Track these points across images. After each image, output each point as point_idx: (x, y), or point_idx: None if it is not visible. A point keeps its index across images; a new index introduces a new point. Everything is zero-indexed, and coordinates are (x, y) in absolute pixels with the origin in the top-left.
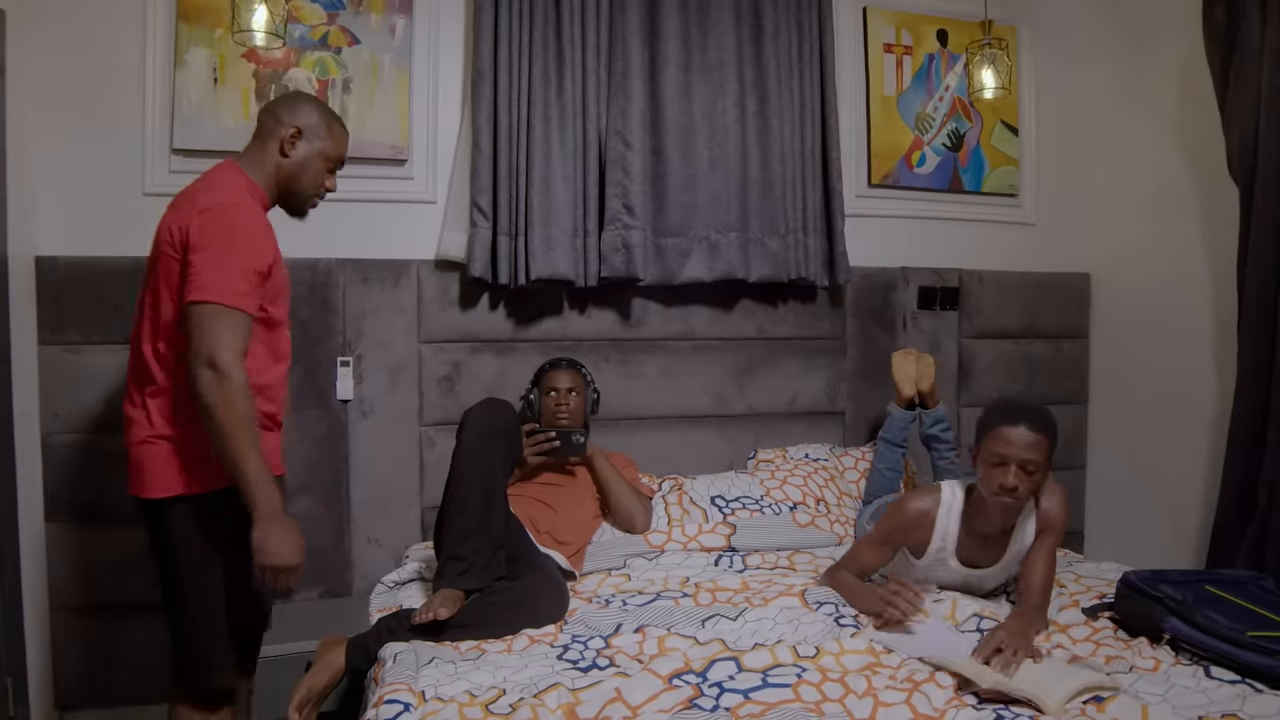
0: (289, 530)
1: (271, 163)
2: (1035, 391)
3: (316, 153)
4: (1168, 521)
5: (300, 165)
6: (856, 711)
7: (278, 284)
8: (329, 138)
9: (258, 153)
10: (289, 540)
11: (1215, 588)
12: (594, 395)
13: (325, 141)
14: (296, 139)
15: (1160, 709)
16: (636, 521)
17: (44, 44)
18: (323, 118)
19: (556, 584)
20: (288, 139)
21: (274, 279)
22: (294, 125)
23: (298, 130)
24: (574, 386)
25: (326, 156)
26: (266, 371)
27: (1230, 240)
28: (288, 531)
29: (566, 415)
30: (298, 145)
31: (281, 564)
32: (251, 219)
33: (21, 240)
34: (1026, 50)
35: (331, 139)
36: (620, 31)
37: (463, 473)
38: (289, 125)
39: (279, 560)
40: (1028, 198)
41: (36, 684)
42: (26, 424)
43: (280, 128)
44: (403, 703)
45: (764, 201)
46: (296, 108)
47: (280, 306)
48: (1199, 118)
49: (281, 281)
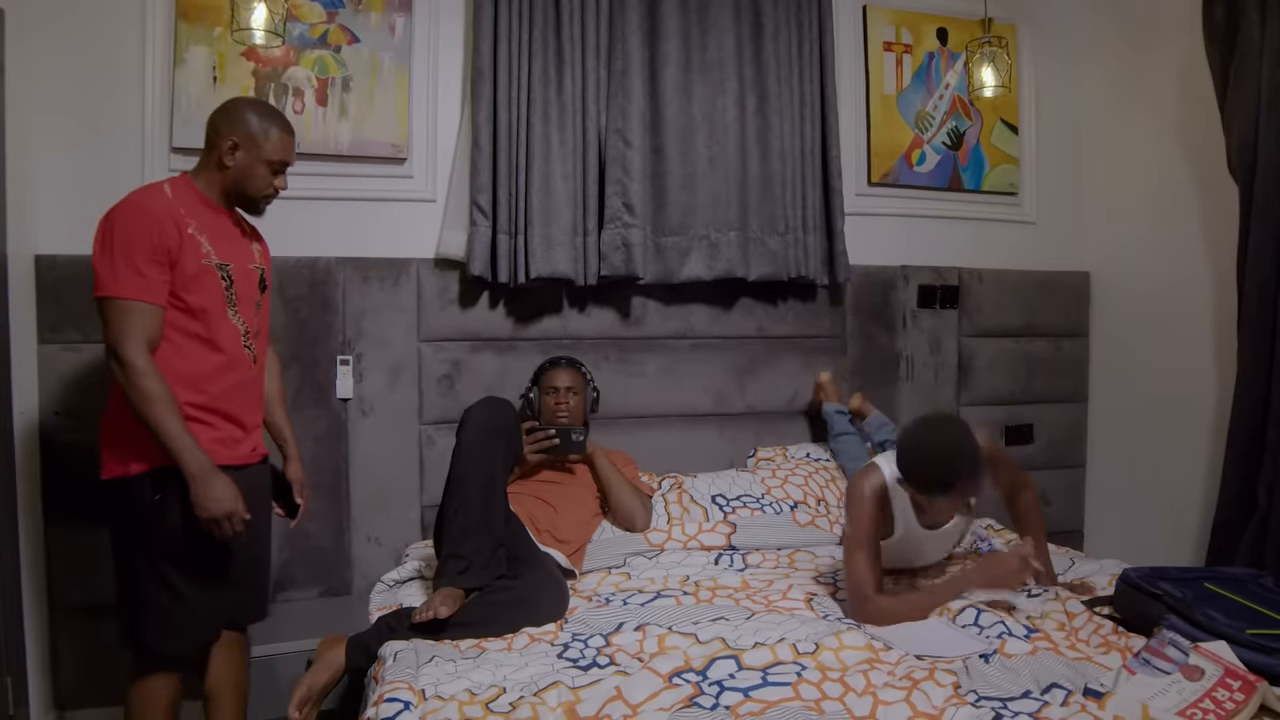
0: (221, 482)
1: (217, 173)
2: (1035, 390)
3: (256, 160)
4: (1167, 519)
5: (242, 173)
6: (856, 709)
7: (193, 272)
8: (266, 144)
9: (206, 163)
10: (221, 490)
11: (1214, 585)
12: (594, 394)
13: (262, 149)
14: (235, 150)
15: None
16: (637, 520)
17: (43, 42)
18: (260, 125)
19: (557, 583)
20: (226, 151)
21: (186, 267)
22: (231, 137)
23: (234, 143)
24: (574, 385)
25: (268, 162)
26: (197, 360)
27: (1230, 239)
28: (219, 483)
29: (566, 414)
30: (236, 156)
31: (219, 510)
32: (134, 212)
33: (21, 239)
34: (1026, 49)
35: (269, 145)
36: (620, 30)
37: (463, 471)
38: (226, 137)
39: (216, 507)
40: (1028, 196)
41: (36, 683)
42: (26, 423)
43: (219, 139)
44: (403, 701)
45: (764, 200)
46: (233, 118)
47: (204, 295)
48: (1199, 116)
49: (202, 270)
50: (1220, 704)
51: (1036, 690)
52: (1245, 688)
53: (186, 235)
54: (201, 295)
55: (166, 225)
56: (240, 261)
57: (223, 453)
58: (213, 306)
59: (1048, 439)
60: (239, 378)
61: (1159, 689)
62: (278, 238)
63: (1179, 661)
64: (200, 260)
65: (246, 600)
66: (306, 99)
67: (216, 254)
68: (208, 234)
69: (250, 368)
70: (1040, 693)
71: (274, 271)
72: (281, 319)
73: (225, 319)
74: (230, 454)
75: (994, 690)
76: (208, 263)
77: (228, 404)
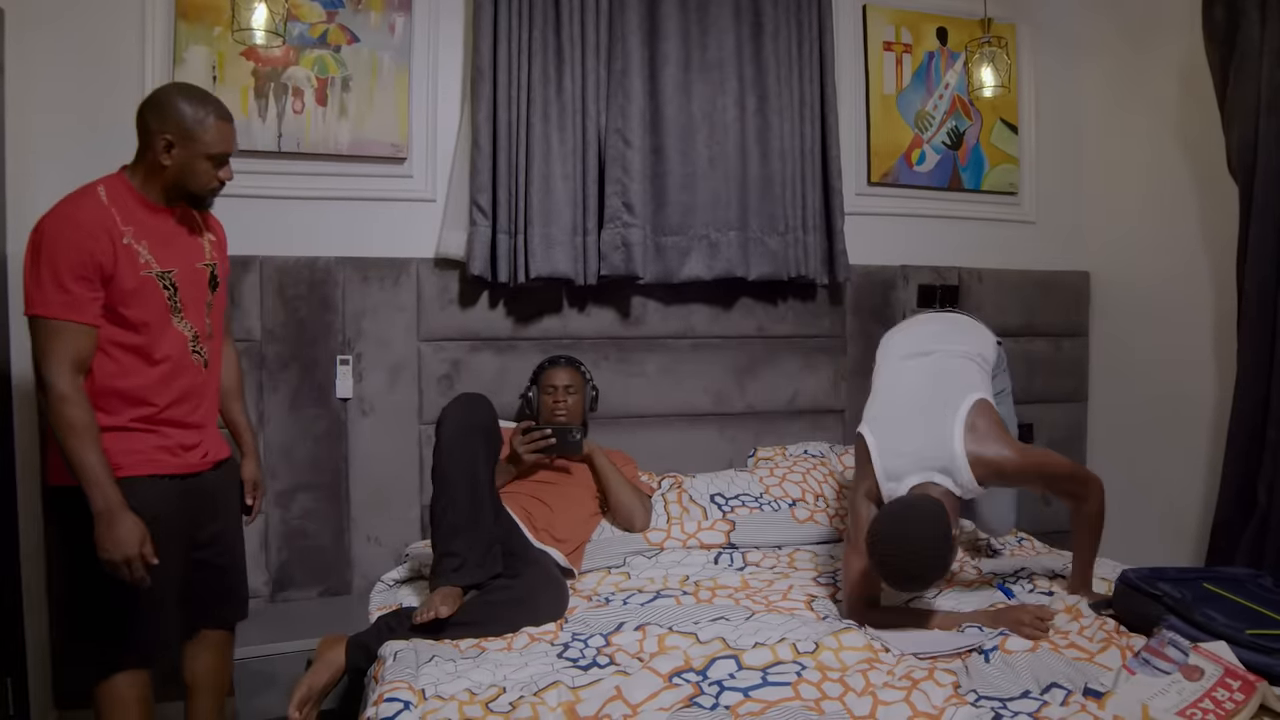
0: (126, 525)
1: (156, 173)
2: (1035, 389)
3: (194, 156)
4: (1167, 519)
5: (181, 171)
6: (856, 709)
7: (131, 286)
8: (204, 136)
9: (141, 161)
10: (124, 533)
11: (1213, 585)
12: (592, 393)
13: (199, 142)
14: (170, 148)
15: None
16: (636, 519)
17: (43, 42)
18: (195, 117)
19: (556, 582)
20: (161, 149)
21: (123, 281)
22: (164, 135)
23: (168, 140)
24: (572, 384)
25: (208, 156)
26: (133, 375)
27: (1230, 238)
28: (124, 525)
29: (565, 413)
30: (173, 153)
31: (118, 555)
32: (62, 224)
33: (21, 238)
34: (1026, 48)
35: (207, 137)
36: (620, 30)
37: (446, 471)
38: (159, 135)
39: (115, 551)
40: (1027, 196)
41: (35, 683)
42: (26, 422)
43: (152, 137)
44: (403, 701)
45: (764, 200)
46: (164, 112)
47: (145, 308)
48: (1199, 116)
49: (141, 283)
50: (1220, 704)
51: (1036, 690)
52: (1245, 688)
53: (121, 246)
54: (141, 308)
55: (98, 237)
56: (186, 264)
57: (170, 461)
58: (154, 319)
59: (1047, 439)
60: (186, 384)
61: (1159, 689)
62: (277, 238)
63: (1179, 661)
64: (138, 272)
65: (223, 600)
66: (306, 99)
67: (157, 261)
68: (147, 240)
69: (199, 373)
70: (1040, 692)
71: (273, 271)
72: (281, 318)
73: (169, 328)
74: (178, 462)
75: (993, 690)
76: (147, 273)
77: (176, 412)
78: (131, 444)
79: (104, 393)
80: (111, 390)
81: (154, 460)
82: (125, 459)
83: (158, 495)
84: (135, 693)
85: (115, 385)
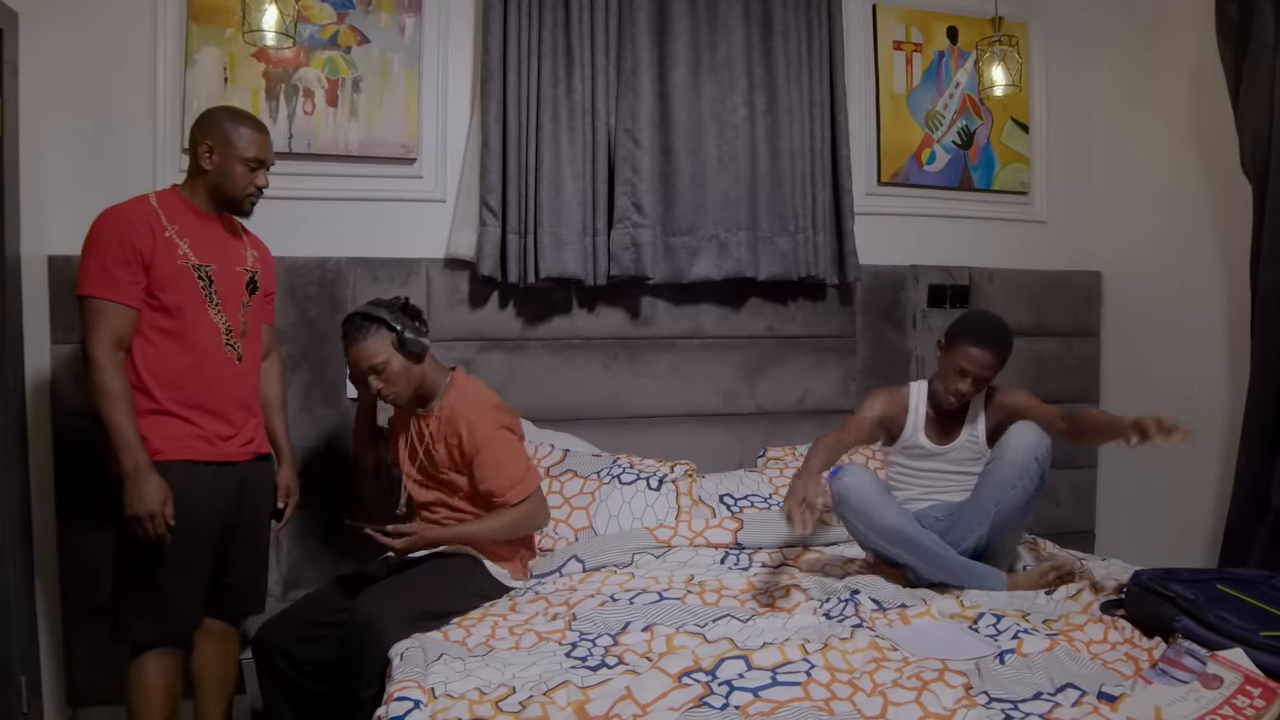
0: (151, 483)
1: (199, 177)
2: (1046, 390)
3: (231, 159)
4: (1179, 520)
5: (220, 175)
6: (866, 709)
7: (168, 272)
8: (239, 142)
9: (191, 171)
10: (146, 491)
11: (1227, 587)
12: (405, 337)
13: (235, 147)
14: (210, 153)
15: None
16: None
17: (55, 45)
18: (231, 126)
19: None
20: (203, 155)
21: (160, 267)
22: (205, 141)
23: (209, 146)
24: (372, 362)
25: (242, 160)
26: (171, 360)
27: (1243, 237)
28: (149, 484)
29: (392, 395)
30: (213, 158)
31: (141, 509)
32: (112, 217)
33: (34, 240)
34: (1037, 47)
35: (241, 142)
36: (629, 30)
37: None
38: (202, 142)
39: (139, 506)
40: (1038, 195)
41: (49, 681)
42: (39, 422)
43: (197, 146)
44: (413, 700)
45: (773, 200)
46: (206, 124)
47: (179, 294)
48: (1211, 114)
49: (177, 270)
50: (1240, 710)
51: (1050, 689)
52: (1266, 694)
53: (162, 239)
54: (176, 294)
55: (139, 229)
56: (224, 263)
57: (206, 449)
58: (188, 304)
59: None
60: (218, 374)
61: (1176, 696)
62: (288, 238)
63: (1196, 670)
64: (175, 261)
65: (240, 591)
66: (317, 100)
67: (196, 256)
68: (189, 238)
69: (233, 366)
70: (1053, 692)
71: (284, 271)
72: (291, 318)
73: (204, 317)
74: (214, 451)
75: (1005, 692)
76: (184, 263)
77: (209, 400)
78: (171, 430)
79: (143, 376)
80: (146, 368)
81: (192, 447)
82: (165, 444)
83: (194, 479)
84: (163, 681)
85: (151, 364)
